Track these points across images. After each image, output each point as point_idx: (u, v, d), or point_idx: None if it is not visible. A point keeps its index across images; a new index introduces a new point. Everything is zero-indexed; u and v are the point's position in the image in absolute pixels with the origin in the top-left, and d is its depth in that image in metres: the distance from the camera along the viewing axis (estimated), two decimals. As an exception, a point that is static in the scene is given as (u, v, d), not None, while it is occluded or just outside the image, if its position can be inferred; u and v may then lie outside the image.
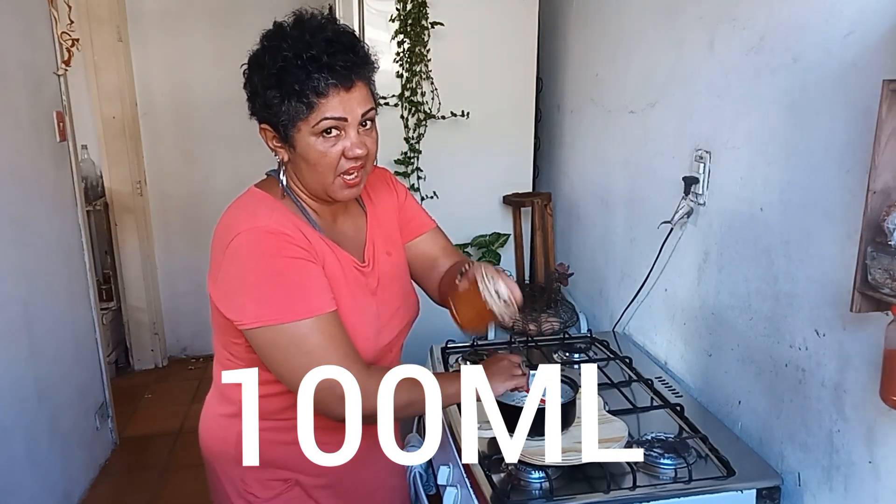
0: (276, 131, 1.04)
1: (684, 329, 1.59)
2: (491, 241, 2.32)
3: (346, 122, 1.02)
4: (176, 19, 3.40)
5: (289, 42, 1.00)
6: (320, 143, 1.02)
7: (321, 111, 1.00)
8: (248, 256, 1.01)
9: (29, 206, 2.16)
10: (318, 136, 1.02)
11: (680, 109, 1.57)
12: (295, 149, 1.04)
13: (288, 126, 1.02)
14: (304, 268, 1.03)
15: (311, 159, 1.03)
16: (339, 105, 1.01)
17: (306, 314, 1.00)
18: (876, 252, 0.90)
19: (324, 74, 0.98)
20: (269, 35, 1.04)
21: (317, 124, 1.00)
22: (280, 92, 1.00)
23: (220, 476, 1.21)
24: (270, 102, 1.01)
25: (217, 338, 1.16)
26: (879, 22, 0.98)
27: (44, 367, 2.20)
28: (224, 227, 1.06)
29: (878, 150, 0.90)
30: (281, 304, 1.00)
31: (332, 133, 1.02)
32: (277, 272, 1.01)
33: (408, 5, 2.10)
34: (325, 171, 1.05)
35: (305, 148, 1.03)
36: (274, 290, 1.01)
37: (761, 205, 1.29)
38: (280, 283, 1.01)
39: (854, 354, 1.07)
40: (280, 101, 1.00)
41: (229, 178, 3.60)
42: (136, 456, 2.77)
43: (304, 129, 1.01)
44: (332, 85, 0.99)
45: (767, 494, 1.18)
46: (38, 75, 2.26)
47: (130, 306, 3.51)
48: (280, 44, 1.00)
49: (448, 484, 1.30)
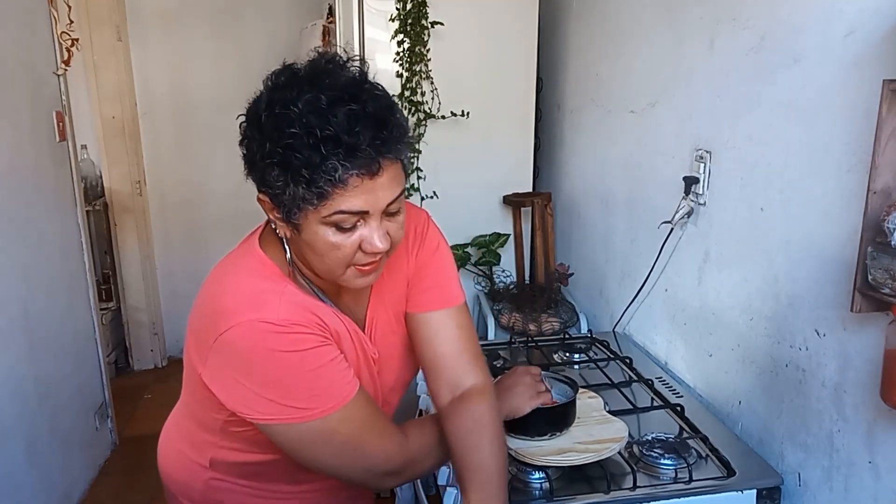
0: (277, 208, 0.84)
1: (685, 329, 1.59)
2: (491, 241, 2.32)
3: (368, 215, 0.82)
4: (176, 19, 3.40)
5: (299, 108, 0.76)
6: (331, 233, 0.82)
7: (336, 203, 0.79)
8: (252, 352, 0.85)
9: (28, 206, 2.16)
10: (330, 227, 0.82)
11: (680, 109, 1.57)
12: (299, 233, 0.84)
13: (291, 210, 0.81)
14: (323, 355, 0.88)
15: (318, 249, 0.84)
16: (360, 196, 0.79)
17: (334, 407, 0.88)
18: (876, 252, 0.90)
19: (342, 161, 0.76)
20: (277, 86, 0.81)
21: (329, 217, 0.80)
22: (285, 174, 0.78)
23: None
24: (270, 181, 0.80)
25: (188, 390, 1.03)
26: (880, 22, 0.98)
27: (43, 368, 2.19)
28: (218, 303, 0.89)
29: (878, 150, 0.90)
30: (303, 401, 0.87)
31: (348, 225, 0.82)
32: (293, 368, 0.86)
33: (408, 5, 2.10)
34: (333, 265, 0.86)
35: (312, 236, 0.83)
36: (291, 389, 0.87)
37: (761, 205, 1.28)
38: (298, 380, 0.87)
39: (854, 354, 1.07)
40: (284, 185, 0.79)
41: (229, 178, 3.57)
42: (136, 456, 2.77)
43: (313, 218, 0.81)
44: (353, 174, 0.78)
45: (768, 495, 1.18)
46: (37, 75, 2.26)
47: (130, 306, 3.51)
48: (288, 109, 0.77)
49: (448, 484, 1.30)
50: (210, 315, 0.89)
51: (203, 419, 1.03)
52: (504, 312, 2.11)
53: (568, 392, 1.23)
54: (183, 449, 1.12)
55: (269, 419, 0.88)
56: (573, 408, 1.22)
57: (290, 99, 0.78)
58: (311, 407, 0.87)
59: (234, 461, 1.05)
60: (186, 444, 1.11)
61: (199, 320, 0.92)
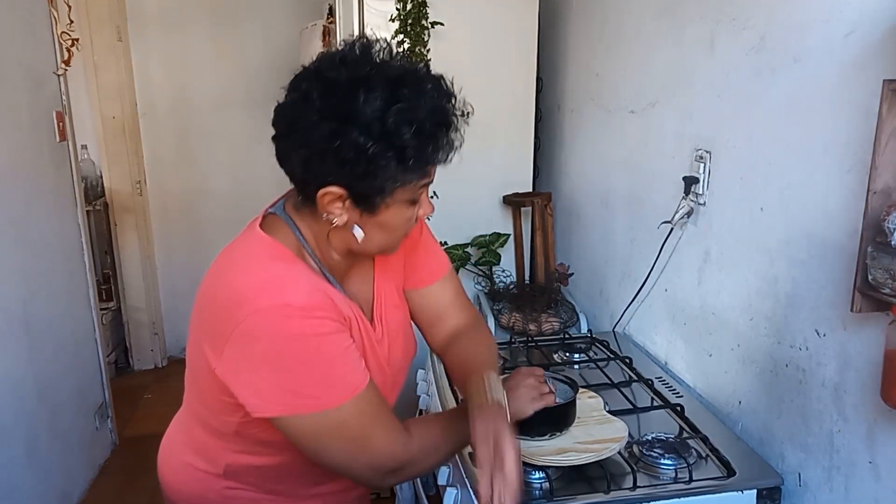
0: (355, 197, 0.89)
1: (685, 329, 1.59)
2: (491, 241, 2.32)
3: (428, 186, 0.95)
4: (176, 19, 3.40)
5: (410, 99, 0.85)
6: (405, 209, 0.92)
7: (426, 179, 0.91)
8: (275, 338, 0.85)
9: (28, 206, 2.16)
10: (410, 202, 0.92)
11: (680, 109, 1.57)
12: (375, 215, 0.91)
13: (383, 194, 0.88)
14: (339, 343, 0.90)
15: (391, 226, 0.93)
16: (434, 170, 0.93)
17: (347, 396, 0.89)
18: (876, 252, 0.90)
19: (444, 145, 0.89)
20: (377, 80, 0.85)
21: (416, 192, 0.92)
22: (400, 163, 0.85)
23: None
24: (378, 171, 0.85)
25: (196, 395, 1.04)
26: (880, 22, 0.98)
27: (43, 367, 2.20)
28: (232, 290, 0.89)
29: (878, 150, 0.90)
30: (318, 389, 0.88)
31: (418, 197, 0.94)
32: (312, 355, 0.87)
33: (408, 5, 2.10)
34: (397, 237, 0.97)
35: (388, 217, 0.91)
36: (309, 376, 0.88)
37: (761, 205, 1.28)
38: (316, 367, 0.88)
39: (854, 354, 1.07)
40: (395, 171, 0.86)
41: (229, 178, 3.61)
42: (136, 456, 2.76)
43: (400, 196, 0.90)
44: (448, 155, 0.91)
45: (768, 495, 1.18)
46: (37, 75, 2.26)
47: (130, 306, 3.51)
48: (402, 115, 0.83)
49: (448, 484, 1.30)
50: (225, 304, 0.88)
51: (215, 425, 1.02)
52: (504, 312, 2.11)
53: (568, 392, 1.23)
54: (191, 461, 1.10)
55: (283, 411, 0.88)
56: (573, 408, 1.21)
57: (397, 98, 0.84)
58: (326, 396, 0.88)
59: (249, 465, 1.04)
60: (195, 455, 1.09)
61: (211, 313, 0.91)
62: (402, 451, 0.95)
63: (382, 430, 0.93)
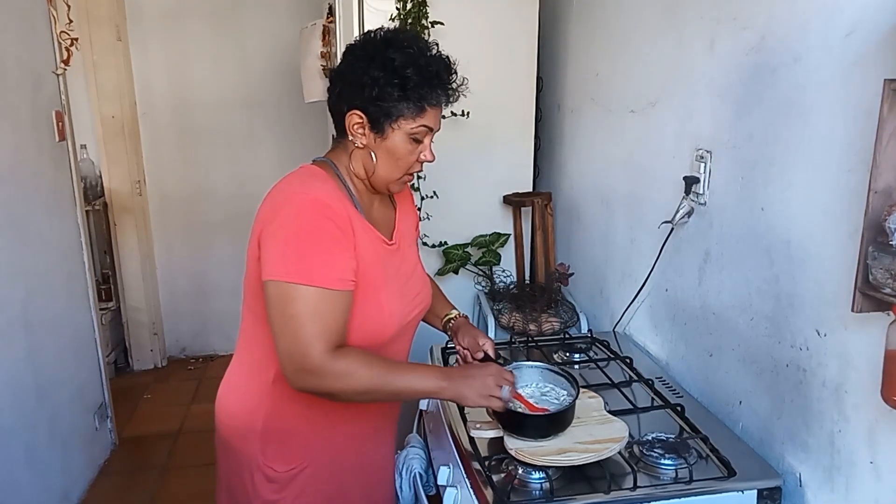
0: (370, 119, 1.14)
1: (685, 329, 1.59)
2: (491, 241, 2.32)
3: (431, 133, 1.18)
4: (176, 19, 3.40)
5: (415, 51, 1.13)
6: (407, 144, 1.16)
7: (424, 119, 1.14)
8: (291, 216, 1.09)
9: (28, 205, 2.16)
10: (409, 138, 1.15)
11: (680, 109, 1.57)
12: (384, 139, 1.15)
13: (390, 119, 1.13)
14: (331, 242, 1.09)
15: (396, 154, 1.16)
16: (435, 118, 1.16)
17: (305, 281, 1.06)
18: (877, 252, 0.90)
19: (438, 91, 1.14)
20: (395, 38, 1.14)
21: (416, 128, 1.14)
22: (402, 92, 1.11)
23: (238, 450, 1.24)
24: (386, 96, 1.11)
25: (250, 306, 1.21)
26: (880, 21, 0.98)
27: (43, 368, 2.19)
28: (278, 191, 1.15)
29: (879, 150, 0.90)
30: (292, 263, 1.07)
31: (421, 137, 1.16)
32: (305, 236, 1.08)
33: (408, 5, 2.10)
34: (400, 168, 1.18)
35: (394, 144, 1.15)
36: (294, 250, 1.08)
37: (762, 204, 1.28)
38: (302, 246, 1.08)
39: (855, 354, 1.07)
40: (398, 99, 1.11)
41: (229, 178, 3.61)
42: (136, 456, 2.77)
43: (402, 128, 1.14)
44: (442, 101, 1.15)
45: (768, 495, 1.18)
46: (37, 75, 2.26)
47: (130, 306, 3.51)
48: (412, 52, 1.12)
49: (448, 484, 1.30)
50: (276, 199, 1.14)
51: (266, 333, 1.15)
52: (504, 312, 2.11)
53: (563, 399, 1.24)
54: (241, 382, 1.27)
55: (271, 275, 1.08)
56: (571, 412, 1.22)
57: (411, 46, 1.13)
58: (292, 270, 1.06)
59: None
60: (247, 372, 1.26)
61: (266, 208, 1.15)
62: (318, 358, 1.05)
63: (314, 329, 1.06)
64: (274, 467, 1.21)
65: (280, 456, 1.21)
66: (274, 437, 1.21)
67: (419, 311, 1.32)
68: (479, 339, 1.39)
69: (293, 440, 1.22)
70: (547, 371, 1.35)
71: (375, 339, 1.18)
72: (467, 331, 1.43)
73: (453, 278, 2.29)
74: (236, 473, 1.25)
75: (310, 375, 1.07)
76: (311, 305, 1.06)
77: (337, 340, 1.09)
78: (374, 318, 1.17)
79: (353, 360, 1.08)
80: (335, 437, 1.25)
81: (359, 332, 1.15)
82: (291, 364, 1.08)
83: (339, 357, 1.07)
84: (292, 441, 1.22)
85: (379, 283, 1.17)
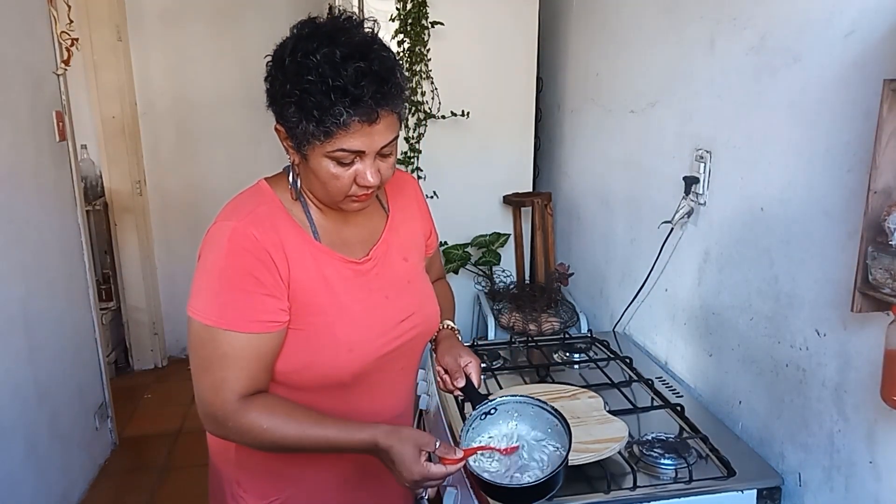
0: (290, 138, 0.97)
1: (685, 329, 1.59)
2: (491, 241, 2.32)
3: (364, 154, 0.95)
4: (176, 19, 3.40)
5: (317, 59, 0.90)
6: (332, 166, 0.96)
7: (338, 142, 0.92)
8: (209, 249, 1.00)
9: (28, 205, 2.16)
10: (332, 160, 0.95)
11: (680, 109, 1.57)
12: (307, 162, 0.97)
13: (302, 142, 0.95)
14: (246, 279, 0.97)
15: (321, 177, 0.98)
16: (359, 139, 0.93)
17: (214, 323, 0.96)
18: (877, 252, 0.90)
19: (348, 108, 0.90)
20: (301, 36, 0.94)
21: (332, 152, 0.94)
22: (299, 113, 0.91)
23: (219, 470, 1.16)
24: (287, 116, 0.93)
25: None
26: (880, 22, 0.98)
27: (43, 368, 2.19)
28: (219, 214, 1.05)
29: (878, 150, 0.90)
30: (205, 301, 0.98)
31: (347, 161, 0.95)
32: (218, 273, 0.98)
33: (408, 5, 2.10)
34: (333, 192, 0.99)
35: (317, 166, 0.96)
36: (207, 287, 0.99)
37: (762, 204, 1.28)
38: (215, 284, 0.98)
39: (855, 354, 1.07)
40: (297, 121, 0.92)
41: (229, 177, 3.59)
42: (136, 456, 2.77)
43: (318, 151, 0.95)
44: (355, 120, 0.91)
45: (768, 495, 1.18)
46: (37, 75, 2.26)
47: (130, 306, 3.50)
48: (308, 58, 0.90)
49: (448, 484, 1.30)
50: (214, 221, 1.03)
51: None
52: (504, 312, 2.11)
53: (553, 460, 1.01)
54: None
55: (188, 310, 0.99)
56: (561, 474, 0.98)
57: (311, 49, 0.91)
58: (203, 310, 0.97)
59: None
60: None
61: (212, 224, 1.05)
62: (221, 406, 0.97)
63: (221, 374, 0.97)
64: (247, 500, 1.11)
65: (253, 489, 1.12)
66: (248, 467, 1.11)
67: (412, 336, 1.12)
68: (460, 359, 1.14)
69: (265, 475, 1.12)
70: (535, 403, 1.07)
71: (335, 376, 1.04)
72: (448, 347, 1.17)
73: (453, 278, 2.29)
74: (217, 496, 1.17)
75: (214, 423, 1.00)
76: (220, 349, 0.97)
77: (250, 386, 0.98)
78: (327, 353, 1.02)
79: (260, 412, 0.97)
80: (309, 478, 1.12)
81: (311, 371, 1.03)
82: (200, 407, 1.00)
83: (245, 407, 0.97)
84: (266, 475, 1.12)
85: (331, 313, 1.02)
